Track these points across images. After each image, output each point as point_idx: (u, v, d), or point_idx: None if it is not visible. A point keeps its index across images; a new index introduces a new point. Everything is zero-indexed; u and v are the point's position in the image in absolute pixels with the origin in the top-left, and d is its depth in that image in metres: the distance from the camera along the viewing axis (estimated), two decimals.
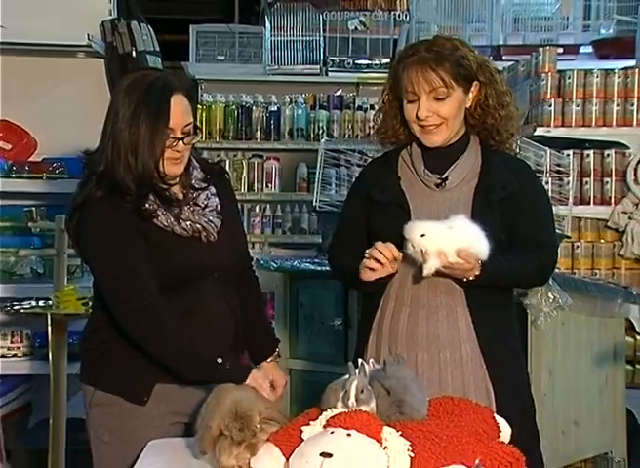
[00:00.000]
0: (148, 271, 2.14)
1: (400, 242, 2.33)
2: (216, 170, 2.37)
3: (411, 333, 2.35)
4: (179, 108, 2.17)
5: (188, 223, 2.21)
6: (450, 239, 2.21)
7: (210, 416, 1.91)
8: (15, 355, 3.83)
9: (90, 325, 2.34)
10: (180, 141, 2.16)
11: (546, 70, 4.00)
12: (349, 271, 2.40)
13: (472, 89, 2.37)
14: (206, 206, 2.26)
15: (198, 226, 2.22)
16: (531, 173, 2.53)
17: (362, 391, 1.87)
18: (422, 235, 2.21)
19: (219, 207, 2.28)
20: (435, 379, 2.32)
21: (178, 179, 2.24)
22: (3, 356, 3.82)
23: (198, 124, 2.41)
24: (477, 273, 2.26)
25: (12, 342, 3.83)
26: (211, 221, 2.24)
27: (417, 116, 2.33)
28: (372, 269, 2.27)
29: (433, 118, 2.33)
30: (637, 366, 3.94)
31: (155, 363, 2.17)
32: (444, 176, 2.38)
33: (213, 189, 2.30)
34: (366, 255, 2.28)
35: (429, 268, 2.22)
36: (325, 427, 1.81)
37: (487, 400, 2.30)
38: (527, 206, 2.38)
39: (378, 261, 2.25)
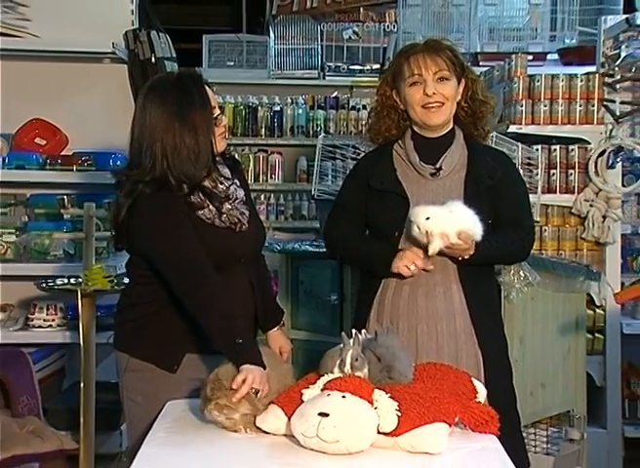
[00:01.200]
0: (201, 246, 2.11)
1: (399, 226, 2.32)
2: (231, 159, 2.35)
3: (411, 308, 2.34)
4: (210, 93, 2.19)
5: (226, 216, 2.19)
6: (451, 222, 2.19)
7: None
8: (50, 326, 3.83)
9: (126, 299, 2.32)
10: (222, 116, 2.19)
11: (518, 74, 3.99)
12: (359, 259, 2.42)
13: (462, 84, 2.37)
14: (236, 198, 2.24)
15: (235, 219, 2.20)
16: (511, 163, 2.54)
17: (356, 359, 1.87)
18: (427, 218, 2.19)
19: (244, 198, 2.27)
20: (433, 348, 2.32)
21: (207, 173, 2.20)
22: (40, 326, 3.82)
23: None
24: (472, 252, 2.24)
25: (47, 314, 3.83)
26: (243, 213, 2.23)
27: (425, 94, 2.31)
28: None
29: (438, 96, 2.32)
30: (596, 335, 3.95)
31: (185, 335, 2.16)
32: (438, 166, 2.36)
33: (237, 182, 2.28)
34: (405, 264, 2.27)
35: (434, 248, 2.20)
36: (323, 390, 1.81)
37: (476, 366, 2.30)
38: (510, 192, 2.39)
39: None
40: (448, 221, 2.19)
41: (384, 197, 2.37)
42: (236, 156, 2.46)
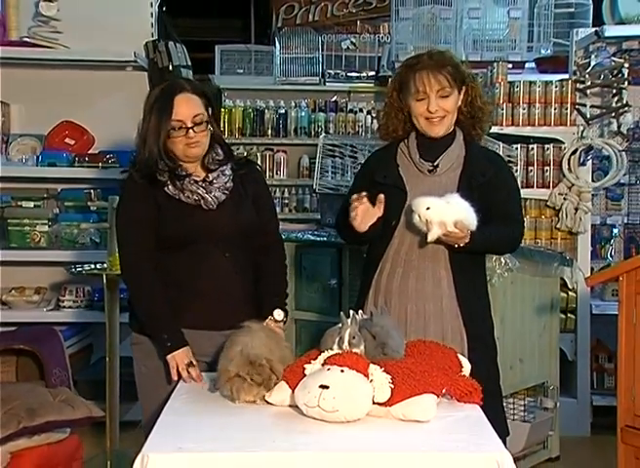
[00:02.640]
0: (151, 238, 2.16)
1: (397, 216, 2.30)
2: (241, 161, 2.32)
3: (403, 290, 2.32)
4: (184, 104, 2.15)
5: (189, 193, 2.18)
6: (449, 212, 2.17)
7: (226, 361, 1.87)
8: (79, 306, 3.84)
9: None
10: (191, 129, 2.14)
11: (499, 81, 3.98)
12: (356, 232, 2.33)
13: (463, 91, 2.34)
14: (212, 182, 2.21)
15: (197, 196, 2.18)
16: (504, 163, 2.50)
17: (354, 337, 1.86)
18: (427, 208, 2.17)
19: (227, 185, 2.22)
20: (421, 326, 2.29)
21: (200, 161, 2.23)
22: (70, 307, 3.83)
23: (222, 124, 2.37)
24: (467, 241, 2.22)
25: (76, 296, 3.84)
26: (211, 193, 2.19)
27: (428, 110, 2.29)
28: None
29: (440, 111, 2.30)
30: (568, 315, 3.95)
31: (178, 312, 2.15)
32: (435, 164, 2.34)
33: (228, 172, 2.24)
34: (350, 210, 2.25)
35: (433, 235, 2.18)
36: (323, 365, 1.80)
37: (460, 344, 2.28)
38: (501, 189, 2.35)
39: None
40: (446, 211, 2.17)
41: (386, 190, 2.34)
42: (244, 155, 2.43)
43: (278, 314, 2.24)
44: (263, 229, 2.30)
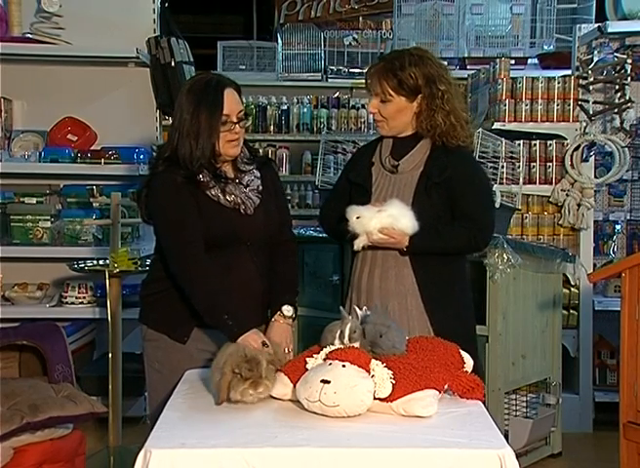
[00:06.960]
0: (199, 227, 2.11)
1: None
2: (262, 159, 2.33)
3: (369, 287, 2.34)
4: (231, 99, 2.15)
5: (232, 197, 2.17)
6: (375, 220, 2.20)
7: (223, 364, 1.85)
8: (81, 302, 3.83)
9: (149, 275, 2.32)
10: (237, 125, 2.14)
11: (502, 77, 3.97)
12: (339, 233, 2.38)
13: (418, 99, 2.30)
14: (248, 185, 2.21)
15: (238, 200, 2.17)
16: (468, 162, 2.38)
17: (354, 331, 1.86)
18: (357, 217, 2.21)
19: (259, 187, 2.23)
20: None
21: (231, 161, 2.21)
22: (72, 303, 3.83)
23: None
24: (405, 244, 2.24)
25: (79, 293, 3.83)
26: (250, 198, 2.20)
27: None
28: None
29: (377, 115, 2.34)
30: (571, 311, 3.94)
31: (196, 310, 2.13)
32: (396, 164, 2.34)
33: (257, 173, 2.25)
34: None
35: (357, 244, 2.24)
36: (325, 360, 1.80)
37: None
38: (462, 189, 2.29)
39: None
40: (372, 221, 2.20)
41: (356, 188, 2.39)
42: (267, 156, 2.41)
43: (287, 310, 2.24)
44: (282, 228, 2.31)
